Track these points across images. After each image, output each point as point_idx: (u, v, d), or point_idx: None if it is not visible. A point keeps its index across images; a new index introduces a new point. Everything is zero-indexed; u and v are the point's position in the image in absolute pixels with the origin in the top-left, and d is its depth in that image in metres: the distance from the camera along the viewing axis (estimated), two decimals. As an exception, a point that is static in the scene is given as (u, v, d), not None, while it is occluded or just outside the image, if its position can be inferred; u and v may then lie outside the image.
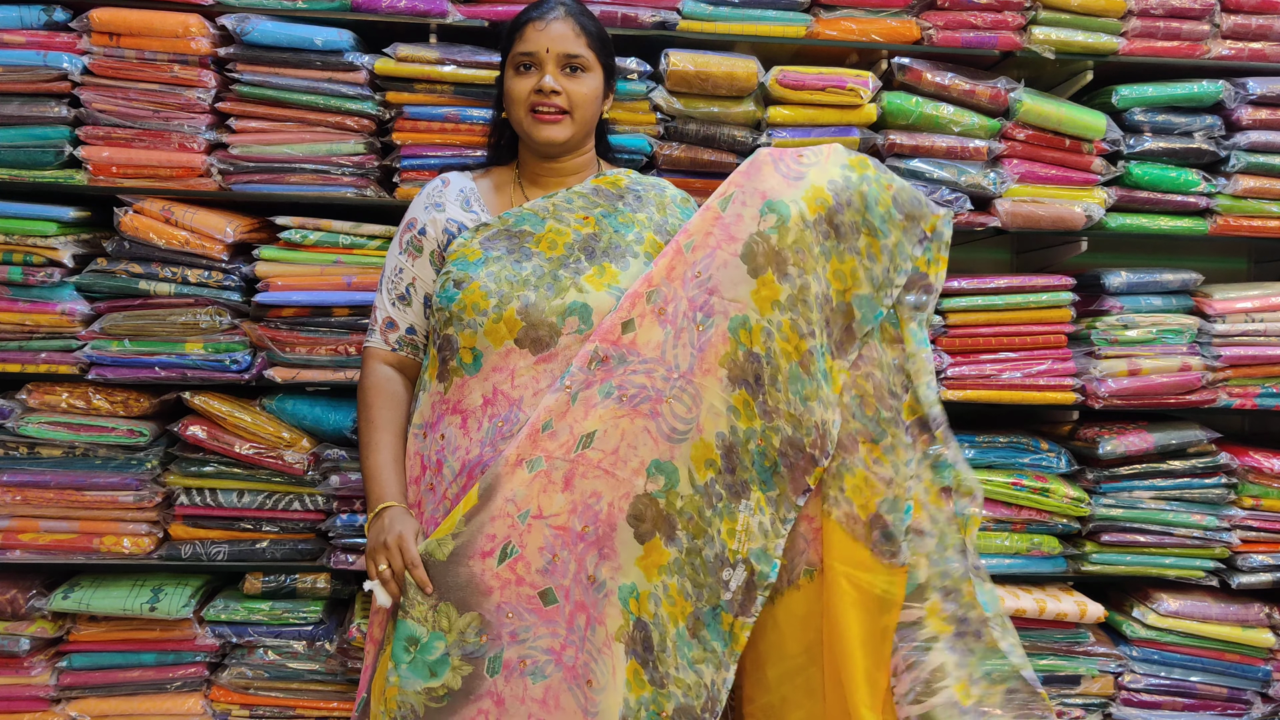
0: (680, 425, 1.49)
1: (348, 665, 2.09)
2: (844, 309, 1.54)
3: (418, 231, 1.66)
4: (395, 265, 1.67)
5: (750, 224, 1.50)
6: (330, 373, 2.05)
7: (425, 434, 1.59)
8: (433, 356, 1.61)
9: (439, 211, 1.66)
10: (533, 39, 1.60)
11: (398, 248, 1.67)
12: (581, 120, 1.63)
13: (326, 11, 2.03)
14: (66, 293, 2.01)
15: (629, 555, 1.48)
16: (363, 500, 2.05)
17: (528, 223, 1.61)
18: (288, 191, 2.04)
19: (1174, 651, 2.21)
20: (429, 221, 1.65)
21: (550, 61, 1.59)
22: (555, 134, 1.61)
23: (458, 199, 1.68)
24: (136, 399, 2.06)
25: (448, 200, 1.67)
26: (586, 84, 1.62)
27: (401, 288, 1.66)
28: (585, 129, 1.66)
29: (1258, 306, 2.20)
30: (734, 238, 1.50)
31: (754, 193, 1.52)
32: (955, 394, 2.14)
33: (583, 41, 1.61)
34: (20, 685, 2.05)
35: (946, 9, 2.12)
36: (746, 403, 1.50)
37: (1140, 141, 2.17)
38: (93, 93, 1.98)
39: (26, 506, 2.04)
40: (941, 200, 2.10)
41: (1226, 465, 2.20)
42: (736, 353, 1.50)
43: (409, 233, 1.66)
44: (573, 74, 1.61)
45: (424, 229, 1.65)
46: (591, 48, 1.62)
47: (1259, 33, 2.19)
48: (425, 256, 1.65)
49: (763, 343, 1.50)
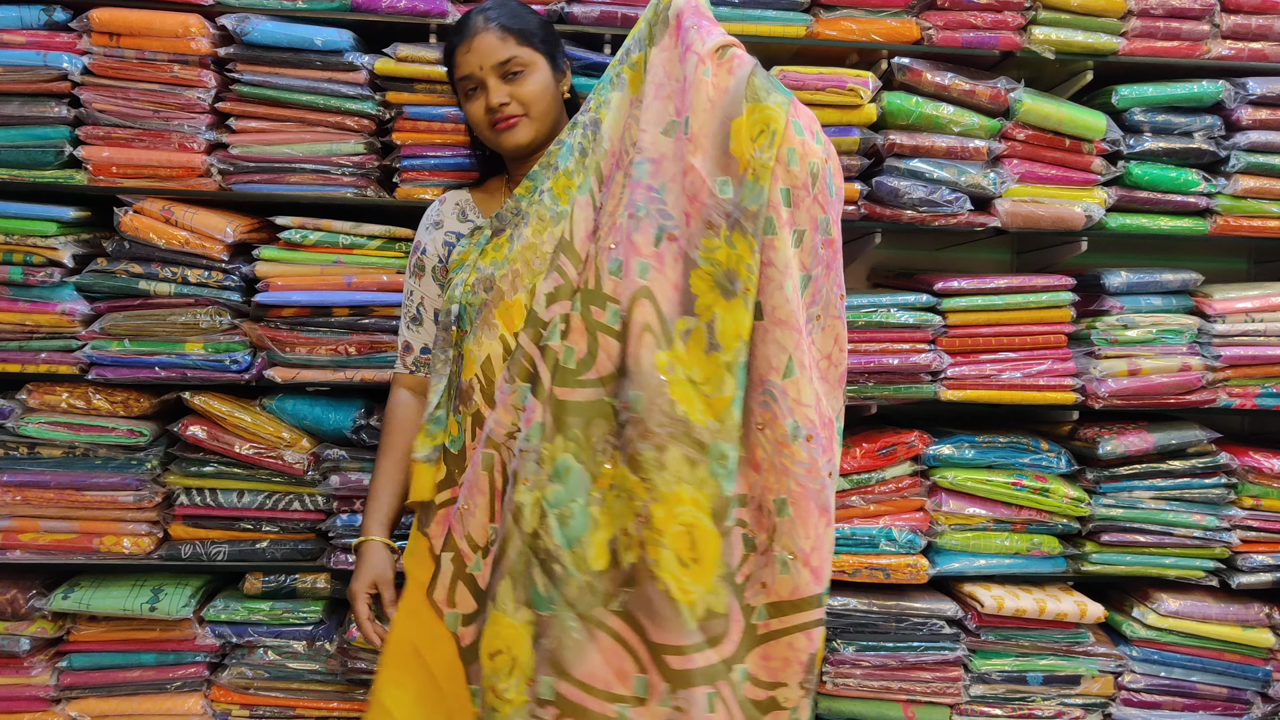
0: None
1: (348, 665, 2.09)
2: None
3: (420, 252, 1.72)
4: (407, 289, 1.74)
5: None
6: (330, 373, 2.05)
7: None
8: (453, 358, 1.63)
9: (437, 229, 1.71)
10: (464, 62, 1.61)
11: (408, 271, 1.74)
12: (539, 114, 1.63)
13: (326, 11, 2.03)
14: (66, 293, 2.01)
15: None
16: (362, 500, 2.06)
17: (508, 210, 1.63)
18: (288, 191, 2.04)
19: (1174, 651, 2.21)
20: (429, 240, 1.71)
21: (488, 76, 1.60)
22: (518, 137, 1.63)
23: (454, 212, 1.73)
24: (136, 399, 2.06)
25: (445, 216, 1.73)
26: (531, 81, 1.61)
27: (413, 309, 1.72)
28: (547, 120, 1.66)
29: (1258, 306, 2.20)
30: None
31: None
32: (955, 394, 2.15)
33: (511, 42, 1.59)
34: (20, 685, 2.06)
35: (946, 9, 2.12)
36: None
37: (1140, 141, 2.17)
38: (93, 93, 1.98)
39: (26, 506, 2.04)
40: (942, 200, 2.10)
41: (1226, 465, 2.20)
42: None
43: (414, 255, 1.73)
44: (514, 78, 1.60)
45: (425, 249, 1.71)
46: (524, 44, 1.60)
47: (1259, 33, 2.19)
48: (428, 274, 1.70)
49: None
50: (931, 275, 2.20)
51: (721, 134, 1.33)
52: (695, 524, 1.31)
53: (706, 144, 1.34)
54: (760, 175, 1.30)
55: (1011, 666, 2.17)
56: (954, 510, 2.15)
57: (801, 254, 1.34)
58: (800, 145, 1.33)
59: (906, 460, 2.15)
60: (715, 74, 1.36)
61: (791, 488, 1.34)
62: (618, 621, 1.35)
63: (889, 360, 2.12)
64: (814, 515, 1.35)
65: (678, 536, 1.31)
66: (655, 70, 1.43)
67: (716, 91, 1.35)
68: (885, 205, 2.11)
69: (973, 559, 2.17)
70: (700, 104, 1.35)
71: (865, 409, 2.18)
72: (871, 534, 2.13)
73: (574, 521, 1.35)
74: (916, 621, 2.13)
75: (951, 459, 2.15)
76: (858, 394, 2.13)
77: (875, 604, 2.13)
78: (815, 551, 1.36)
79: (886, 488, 2.15)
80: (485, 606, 1.40)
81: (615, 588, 1.35)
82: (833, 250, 1.39)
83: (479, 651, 1.39)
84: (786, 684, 1.36)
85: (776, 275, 1.32)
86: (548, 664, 1.35)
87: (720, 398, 1.32)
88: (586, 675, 1.34)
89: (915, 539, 2.13)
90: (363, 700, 2.11)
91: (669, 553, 1.31)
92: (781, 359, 1.33)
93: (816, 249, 1.36)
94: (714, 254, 1.33)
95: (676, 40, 1.41)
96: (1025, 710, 2.18)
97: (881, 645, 2.14)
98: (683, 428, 1.32)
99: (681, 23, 1.41)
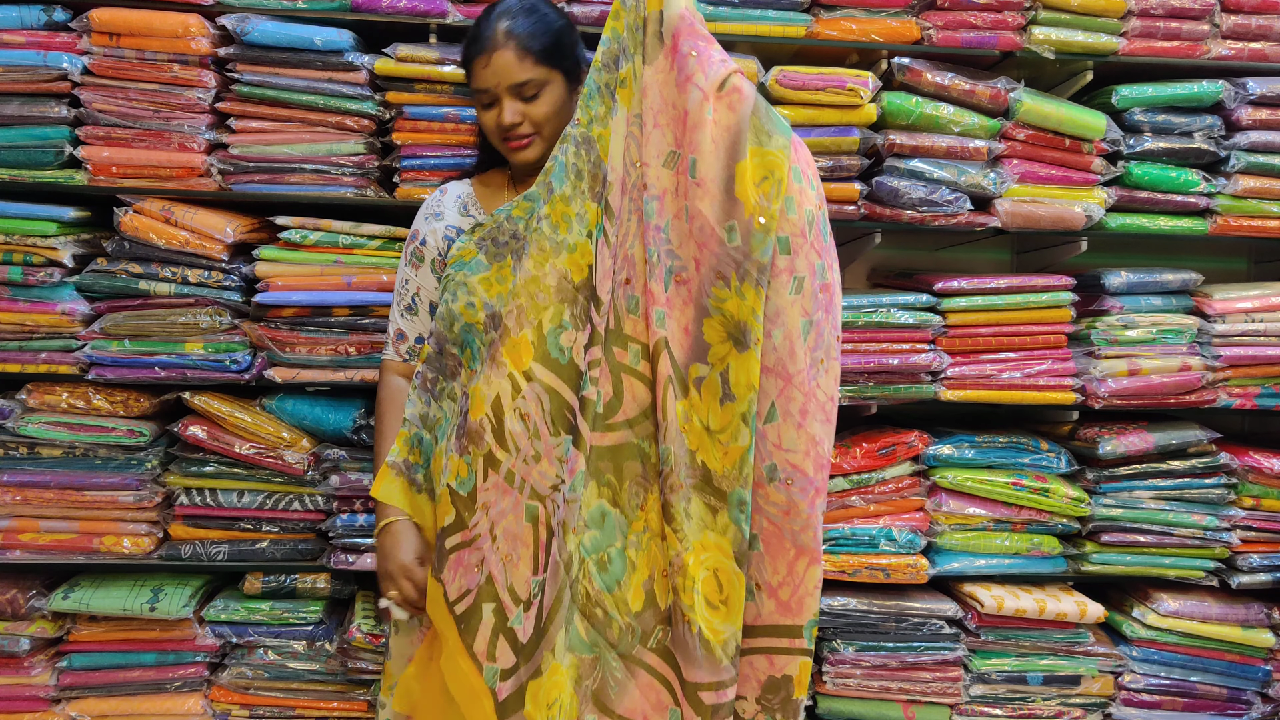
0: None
1: (348, 665, 2.09)
2: None
3: (419, 242, 1.70)
4: (402, 277, 1.71)
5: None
6: (330, 373, 2.05)
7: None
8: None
9: (438, 220, 1.69)
10: (482, 76, 1.58)
11: (403, 260, 1.72)
12: (552, 133, 1.61)
13: (326, 11, 2.03)
14: (66, 293, 2.01)
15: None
16: (362, 500, 2.06)
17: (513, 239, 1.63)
18: (288, 191, 2.04)
19: (1174, 651, 2.21)
20: (429, 232, 1.69)
21: (504, 94, 1.58)
22: (529, 155, 1.62)
23: (455, 205, 1.71)
24: (136, 399, 2.06)
25: (446, 208, 1.71)
26: (546, 102, 1.59)
27: (408, 298, 1.70)
28: (558, 136, 1.62)
29: (1258, 306, 2.20)
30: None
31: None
32: (955, 394, 2.15)
33: (529, 62, 1.56)
34: (20, 685, 2.06)
35: (946, 9, 2.12)
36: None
37: (1140, 141, 2.17)
38: (93, 93, 1.98)
39: (26, 506, 2.04)
40: (942, 200, 2.10)
41: (1226, 465, 2.20)
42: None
43: (411, 244, 1.71)
44: (530, 99, 1.59)
45: (424, 239, 1.69)
46: (542, 63, 1.57)
47: (1259, 33, 2.19)
48: (426, 266, 1.69)
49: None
50: (931, 275, 2.20)
51: (725, 176, 1.35)
52: (720, 567, 1.37)
53: (713, 189, 1.36)
54: (770, 226, 1.33)
55: (1011, 666, 2.17)
56: (954, 510, 2.15)
57: (803, 300, 1.37)
58: (799, 194, 1.36)
59: (906, 460, 2.15)
60: (717, 111, 1.36)
61: (764, 525, 1.39)
62: (655, 659, 1.41)
63: (889, 360, 2.12)
64: (788, 554, 1.40)
65: (707, 581, 1.37)
66: (652, 95, 1.42)
67: (719, 129, 1.36)
68: (885, 205, 2.11)
69: (973, 559, 2.17)
70: (705, 146, 1.36)
71: (865, 409, 2.18)
72: (871, 534, 2.13)
73: (613, 566, 1.40)
74: (916, 621, 2.13)
75: (951, 459, 2.15)
76: (858, 394, 2.13)
77: (875, 604, 2.13)
78: (785, 586, 1.41)
79: (886, 488, 2.15)
80: (524, 660, 1.39)
81: (652, 626, 1.40)
82: (829, 294, 1.41)
83: (522, 702, 1.38)
84: (745, 697, 1.43)
85: (766, 324, 1.36)
86: (591, 703, 1.40)
87: (736, 447, 1.36)
88: (627, 710, 1.41)
89: (915, 539, 2.13)
90: (362, 700, 2.11)
91: (701, 597, 1.36)
92: (765, 404, 1.37)
93: (816, 294, 1.38)
94: (724, 304, 1.35)
95: (673, 64, 1.40)
96: (1025, 710, 2.18)
97: (881, 645, 2.14)
98: (702, 476, 1.37)
99: (679, 46, 1.40)
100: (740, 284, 1.34)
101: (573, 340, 1.44)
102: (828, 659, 2.13)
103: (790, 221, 1.36)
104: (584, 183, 1.46)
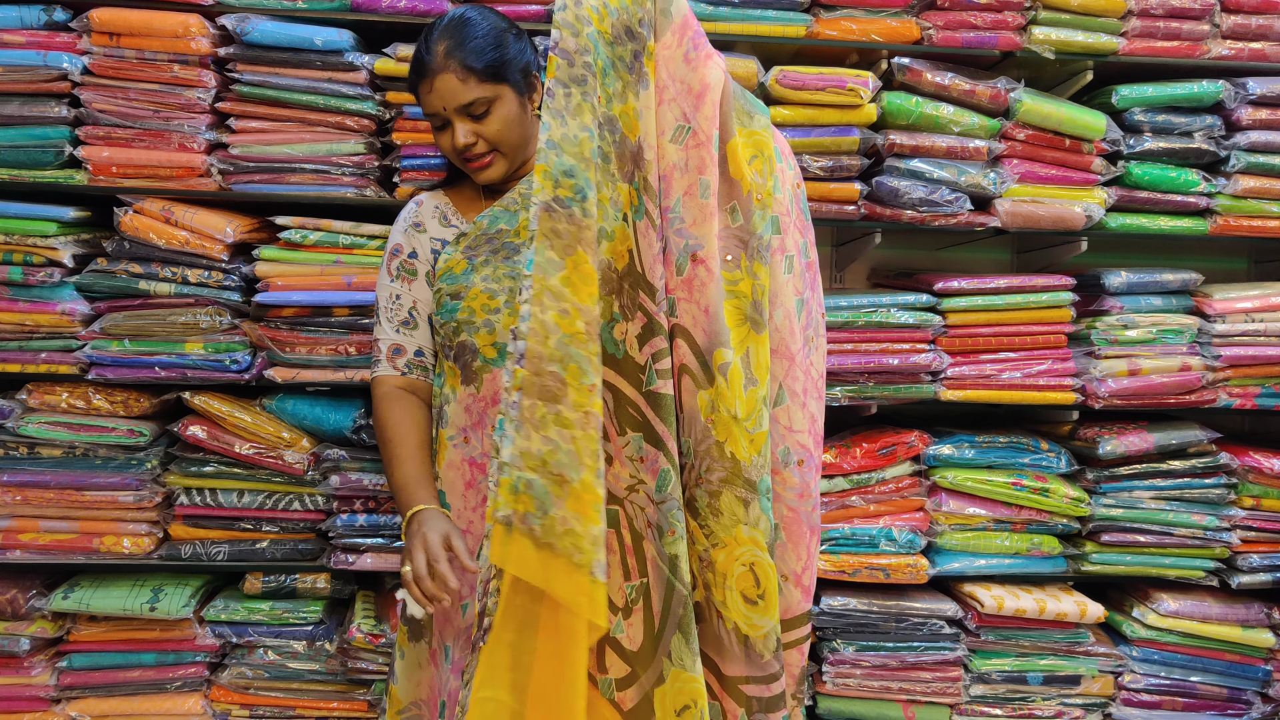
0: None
1: (348, 665, 2.09)
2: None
3: (407, 255, 1.65)
4: (390, 294, 1.65)
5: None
6: (330, 373, 2.05)
7: (467, 438, 1.57)
8: (449, 369, 1.60)
9: (420, 233, 1.66)
10: (428, 101, 1.56)
11: (387, 276, 1.66)
12: (511, 146, 1.59)
13: (326, 11, 2.03)
14: (66, 293, 2.01)
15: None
16: (362, 500, 2.06)
17: (502, 220, 1.62)
18: (288, 191, 2.04)
19: (1174, 651, 2.21)
20: (416, 245, 1.65)
21: (453, 117, 1.56)
22: (492, 175, 1.61)
23: (434, 215, 1.68)
24: (136, 399, 2.06)
25: (425, 218, 1.68)
26: (497, 118, 1.56)
27: (404, 313, 1.65)
28: (520, 149, 1.62)
29: (1258, 306, 2.20)
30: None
31: None
32: (955, 394, 2.15)
33: (473, 81, 1.53)
34: (20, 685, 2.05)
35: (946, 9, 2.12)
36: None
37: (1140, 141, 2.17)
38: (93, 93, 1.98)
39: (26, 506, 2.04)
40: (942, 200, 2.10)
41: (1226, 465, 2.20)
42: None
43: (396, 259, 1.66)
44: (480, 118, 1.56)
45: (413, 252, 1.65)
46: (487, 80, 1.54)
47: (1259, 33, 2.19)
48: (421, 279, 1.65)
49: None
50: (931, 275, 2.20)
51: (719, 157, 1.35)
52: (756, 560, 1.35)
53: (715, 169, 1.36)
54: (766, 204, 1.33)
55: (1011, 666, 2.17)
56: (954, 510, 2.15)
57: (794, 279, 1.37)
58: (780, 173, 1.37)
59: (906, 460, 2.15)
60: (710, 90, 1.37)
61: (783, 512, 1.38)
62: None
63: (889, 360, 2.12)
64: (805, 536, 1.39)
65: (743, 577, 1.34)
66: (661, 72, 1.39)
67: (711, 108, 1.36)
68: (885, 205, 2.11)
69: (973, 559, 2.17)
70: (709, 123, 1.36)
71: (865, 409, 2.18)
72: (871, 534, 2.13)
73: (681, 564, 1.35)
74: (916, 621, 2.13)
75: (951, 459, 2.15)
76: (858, 394, 2.13)
77: (875, 604, 2.13)
78: (806, 571, 1.40)
79: (886, 488, 2.15)
80: (642, 668, 1.36)
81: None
82: (813, 272, 1.42)
83: (651, 711, 1.35)
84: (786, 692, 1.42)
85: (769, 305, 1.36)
86: None
87: (760, 433, 1.34)
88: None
89: (915, 539, 2.13)
90: (363, 700, 2.11)
91: (735, 594, 1.34)
92: (773, 387, 1.35)
93: (804, 272, 1.38)
94: (738, 286, 1.34)
95: (680, 39, 1.40)
96: (1025, 710, 2.18)
97: (881, 645, 2.14)
98: (733, 468, 1.33)
99: (688, 22, 1.41)
100: (751, 263, 1.33)
101: (625, 333, 1.36)
102: (828, 659, 2.13)
103: (778, 200, 1.36)
104: (611, 165, 1.36)
